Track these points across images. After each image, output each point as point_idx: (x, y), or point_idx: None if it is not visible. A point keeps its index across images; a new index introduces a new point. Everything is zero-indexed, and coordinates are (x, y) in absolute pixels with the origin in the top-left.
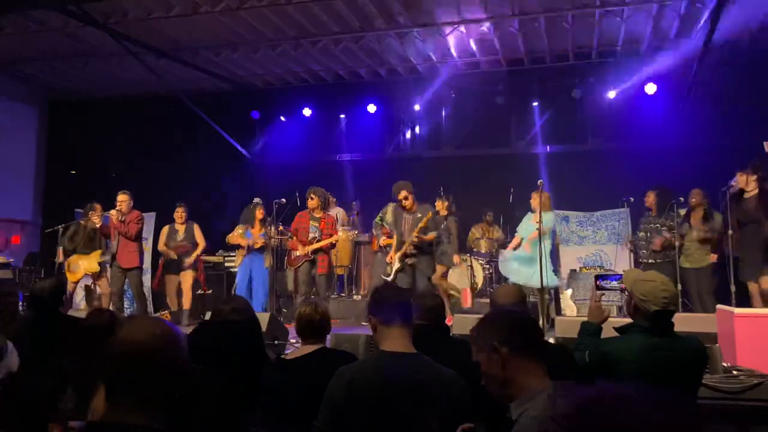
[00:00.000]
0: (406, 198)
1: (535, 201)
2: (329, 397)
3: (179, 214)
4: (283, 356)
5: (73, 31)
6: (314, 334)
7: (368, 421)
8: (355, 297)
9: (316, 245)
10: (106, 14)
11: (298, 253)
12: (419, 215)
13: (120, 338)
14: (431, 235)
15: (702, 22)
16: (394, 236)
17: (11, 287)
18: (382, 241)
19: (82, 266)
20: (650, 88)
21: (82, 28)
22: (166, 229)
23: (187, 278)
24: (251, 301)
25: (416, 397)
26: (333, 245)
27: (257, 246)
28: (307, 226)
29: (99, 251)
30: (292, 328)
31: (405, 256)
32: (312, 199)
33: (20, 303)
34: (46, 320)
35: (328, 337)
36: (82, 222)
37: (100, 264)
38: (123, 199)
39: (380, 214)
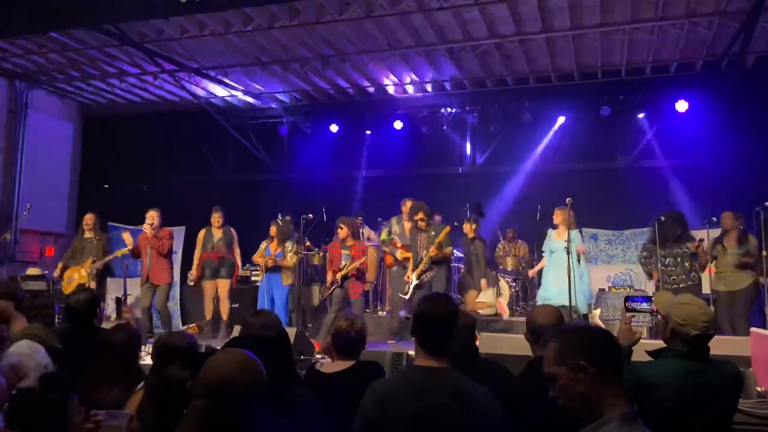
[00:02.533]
0: (422, 220)
1: (558, 218)
2: (362, 411)
3: (216, 218)
4: (317, 368)
5: (110, 50)
6: (348, 351)
7: None
8: (380, 313)
9: (343, 272)
10: (142, 34)
11: (328, 282)
12: (433, 233)
13: (208, 369)
14: (448, 250)
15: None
16: (411, 254)
17: (48, 299)
18: (399, 254)
19: (75, 278)
20: (681, 106)
21: (119, 47)
22: (202, 232)
23: (223, 286)
24: None
25: (447, 411)
26: (362, 271)
27: (268, 265)
28: (339, 255)
29: (90, 260)
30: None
31: (422, 272)
32: (341, 228)
33: (56, 315)
34: (80, 333)
35: None
36: (77, 237)
37: (88, 273)
38: (154, 215)
39: (385, 230)
